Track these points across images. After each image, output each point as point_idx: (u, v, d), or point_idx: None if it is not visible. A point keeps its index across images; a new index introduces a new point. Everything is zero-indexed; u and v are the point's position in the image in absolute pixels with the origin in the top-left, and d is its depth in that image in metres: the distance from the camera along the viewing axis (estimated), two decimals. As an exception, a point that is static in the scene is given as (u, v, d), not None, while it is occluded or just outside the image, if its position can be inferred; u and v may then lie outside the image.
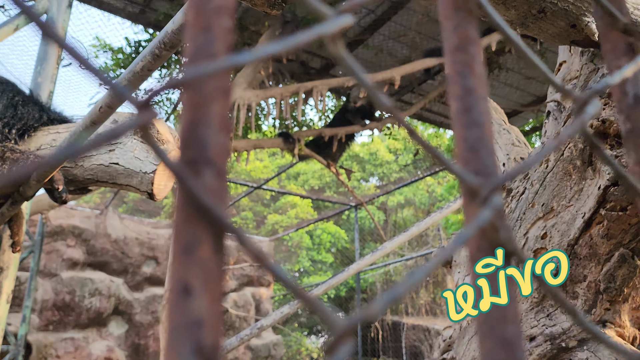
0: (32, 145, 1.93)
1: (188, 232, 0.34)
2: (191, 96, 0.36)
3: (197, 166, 0.34)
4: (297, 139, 6.69)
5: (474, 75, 0.45)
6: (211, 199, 0.34)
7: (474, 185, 0.41)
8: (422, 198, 19.12)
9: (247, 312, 13.21)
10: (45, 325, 10.76)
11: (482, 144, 0.43)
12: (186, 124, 0.35)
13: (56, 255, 11.25)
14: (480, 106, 0.44)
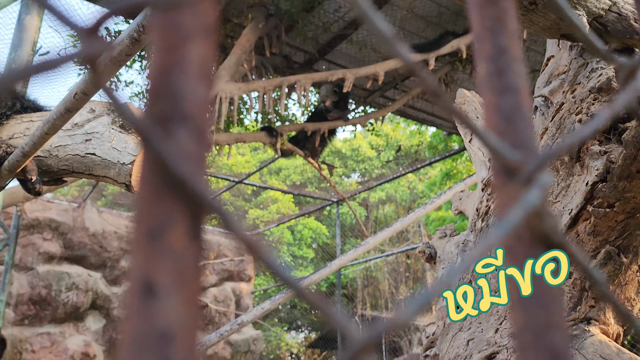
0: (4, 133, 1.88)
1: (155, 212, 0.26)
2: (163, 32, 0.28)
3: (169, 123, 0.27)
4: (280, 133, 6.67)
5: (506, 32, 0.39)
6: (187, 166, 0.26)
7: (513, 161, 0.35)
8: (403, 194, 19.24)
9: (227, 307, 13.16)
10: (21, 319, 10.57)
11: (519, 114, 0.37)
12: (156, 70, 0.27)
13: (32, 249, 11.06)
14: (515, 68, 0.38)
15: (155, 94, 0.27)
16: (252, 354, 13.04)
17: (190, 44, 0.28)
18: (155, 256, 0.26)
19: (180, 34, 0.28)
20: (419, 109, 7.68)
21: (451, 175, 11.50)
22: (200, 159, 0.28)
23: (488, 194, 2.05)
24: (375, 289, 19.03)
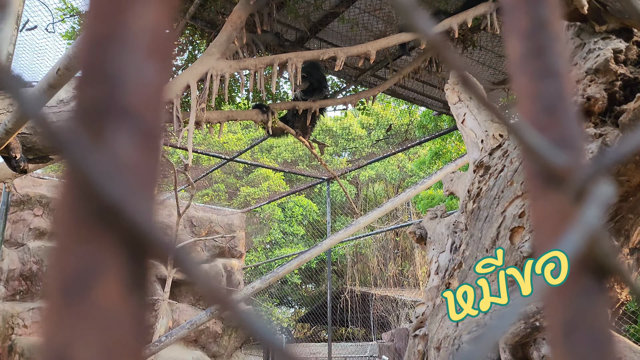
0: None
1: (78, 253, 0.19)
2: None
3: (102, 122, 0.18)
4: (271, 111, 6.66)
5: (546, 3, 0.32)
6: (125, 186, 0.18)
7: (558, 165, 0.28)
8: (393, 173, 19.34)
9: (219, 282, 13.27)
10: (12, 295, 10.61)
11: (562, 104, 0.30)
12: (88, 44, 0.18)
13: (23, 225, 11.04)
14: (557, 48, 0.31)
15: (85, 79, 0.18)
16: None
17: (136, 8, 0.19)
18: (74, 321, 0.17)
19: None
20: (410, 88, 7.70)
21: (440, 154, 11.58)
22: (147, 173, 0.19)
23: (480, 175, 2.10)
24: (365, 266, 19.26)
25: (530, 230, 1.77)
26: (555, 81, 0.31)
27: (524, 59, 0.32)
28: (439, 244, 2.27)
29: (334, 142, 19.48)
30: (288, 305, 22.16)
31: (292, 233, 18.86)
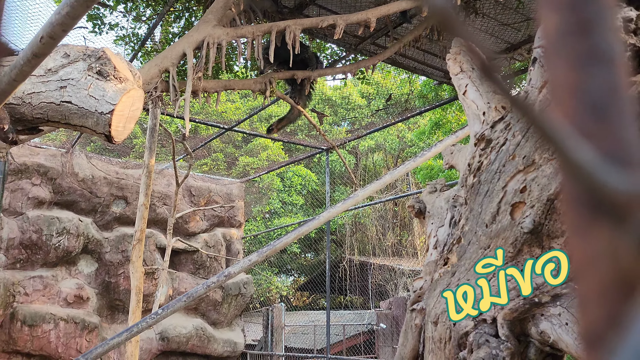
0: None
1: None
2: None
3: None
4: (269, 80, 6.57)
5: None
6: None
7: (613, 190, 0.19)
8: (393, 143, 19.27)
9: (218, 252, 13.37)
10: (13, 263, 10.69)
11: (616, 101, 0.21)
12: None
13: (21, 194, 11.03)
14: (608, 23, 0.22)
15: None
16: (243, 297, 13.39)
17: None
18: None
19: None
20: (411, 57, 7.57)
21: (441, 124, 11.49)
22: None
23: (481, 149, 2.06)
24: (364, 235, 19.39)
25: (531, 205, 1.74)
26: (606, 70, 0.22)
27: (562, 38, 0.23)
28: (438, 218, 2.24)
29: (333, 112, 19.34)
30: (287, 274, 22.42)
31: (291, 203, 18.92)
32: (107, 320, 11.65)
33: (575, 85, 0.22)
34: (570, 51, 0.23)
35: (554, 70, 0.23)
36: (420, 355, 2.09)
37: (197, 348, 12.20)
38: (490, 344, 1.69)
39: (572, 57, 0.22)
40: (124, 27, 7.93)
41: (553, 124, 0.20)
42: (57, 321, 10.46)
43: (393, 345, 11.62)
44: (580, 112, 0.22)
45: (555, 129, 0.20)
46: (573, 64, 0.22)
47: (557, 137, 0.20)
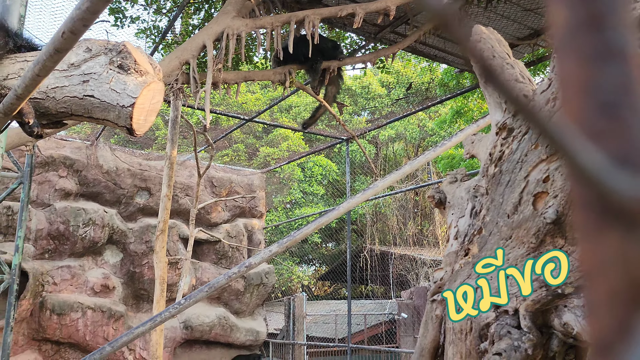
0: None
1: None
2: None
3: None
4: (289, 71, 6.56)
5: None
6: None
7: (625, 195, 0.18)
8: (413, 132, 19.11)
9: (240, 242, 13.50)
10: (41, 253, 10.96)
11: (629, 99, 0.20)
12: None
13: (48, 186, 11.28)
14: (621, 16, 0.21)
15: None
16: (265, 286, 13.51)
17: None
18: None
19: None
20: (431, 45, 7.47)
21: (462, 113, 11.35)
22: None
23: (503, 138, 2.02)
24: (384, 225, 19.35)
25: (554, 195, 1.71)
26: (618, 66, 0.20)
27: (572, 32, 0.22)
28: (459, 208, 2.22)
29: (353, 102, 19.24)
30: (308, 264, 22.53)
31: (312, 193, 18.95)
32: (132, 309, 11.88)
33: (585, 82, 0.21)
34: (580, 47, 0.21)
35: (563, 66, 0.22)
36: (440, 346, 2.08)
37: (220, 337, 12.38)
38: (512, 336, 1.68)
39: (582, 53, 0.21)
40: (145, 20, 8.00)
41: (560, 127, 0.19)
42: (85, 310, 10.71)
43: (414, 334, 11.62)
44: (590, 111, 0.21)
45: (563, 132, 0.19)
46: (583, 60, 0.21)
47: (564, 140, 0.19)
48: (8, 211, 10.49)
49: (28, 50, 1.89)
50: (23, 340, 10.38)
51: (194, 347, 12.38)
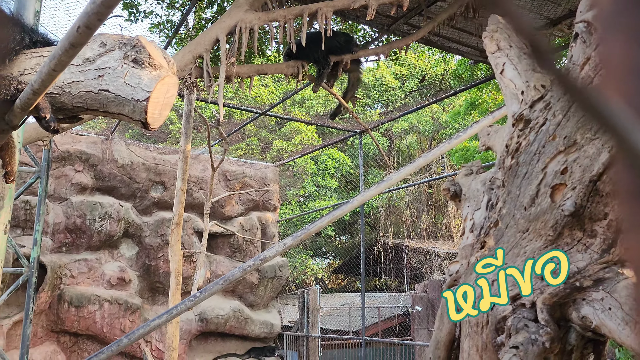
0: (14, 70, 1.81)
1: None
2: None
3: None
4: (302, 65, 6.55)
5: None
6: None
7: None
8: (427, 125, 18.99)
9: (254, 235, 13.56)
10: (59, 247, 11.12)
11: None
12: None
13: (65, 180, 11.42)
14: None
15: None
16: (279, 279, 13.57)
17: None
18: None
19: None
20: (445, 36, 7.39)
21: (476, 104, 11.24)
22: None
23: (519, 130, 1.99)
24: (398, 218, 19.30)
25: (572, 187, 1.68)
26: None
27: (618, 9, 0.20)
28: (474, 201, 2.20)
29: (366, 94, 19.16)
30: (322, 257, 22.58)
31: (325, 186, 18.95)
32: (148, 301, 12.02)
33: (632, 62, 0.19)
34: (628, 24, 0.19)
35: (608, 45, 0.20)
36: (456, 339, 2.07)
37: (235, 329, 12.48)
38: (529, 329, 1.66)
39: (630, 31, 0.19)
40: (158, 15, 8.03)
41: (607, 105, 0.17)
42: (102, 302, 10.86)
43: (429, 327, 11.60)
44: (636, 93, 0.19)
45: (609, 110, 0.17)
46: (631, 38, 0.19)
47: (611, 118, 0.17)
48: (26, 205, 10.65)
49: (44, 45, 1.90)
50: (42, 332, 10.57)
51: (209, 339, 12.51)
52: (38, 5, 2.79)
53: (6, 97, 1.66)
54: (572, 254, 1.68)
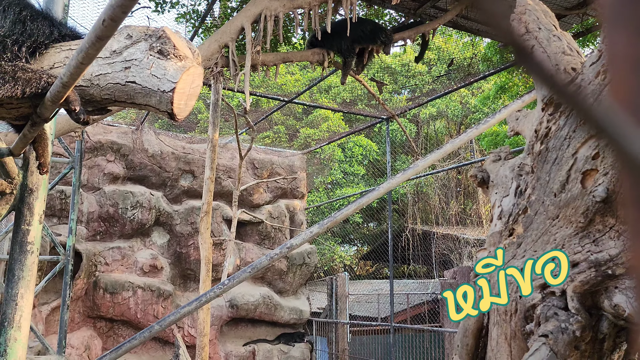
0: (44, 63, 1.84)
1: None
2: None
3: None
4: (327, 52, 6.51)
5: None
6: None
7: None
8: (455, 110, 18.69)
9: (282, 223, 13.66)
10: (93, 235, 11.43)
11: None
12: None
13: (97, 170, 11.70)
14: None
15: None
16: (307, 266, 13.67)
17: None
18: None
19: None
20: (473, 19, 7.23)
21: (506, 88, 11.00)
22: None
23: (549, 114, 1.94)
24: (426, 204, 19.14)
25: (604, 173, 1.63)
26: None
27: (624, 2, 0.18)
28: (503, 187, 2.16)
29: (392, 80, 18.95)
30: (350, 244, 22.61)
31: (352, 173, 18.91)
32: (180, 288, 12.28)
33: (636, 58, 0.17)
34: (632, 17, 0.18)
35: (613, 40, 0.18)
36: (484, 327, 2.06)
37: (265, 315, 12.65)
38: (559, 317, 1.64)
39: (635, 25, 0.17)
40: (184, 5, 8.08)
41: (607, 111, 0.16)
42: (135, 289, 11.14)
43: (458, 314, 11.51)
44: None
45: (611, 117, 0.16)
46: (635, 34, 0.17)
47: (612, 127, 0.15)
48: (61, 195, 10.97)
49: (72, 39, 1.93)
50: (79, 318, 10.92)
51: (239, 325, 12.72)
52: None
53: (37, 90, 1.70)
54: (604, 241, 1.64)
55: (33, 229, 2.31)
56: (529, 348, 1.69)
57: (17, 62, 1.73)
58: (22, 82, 1.68)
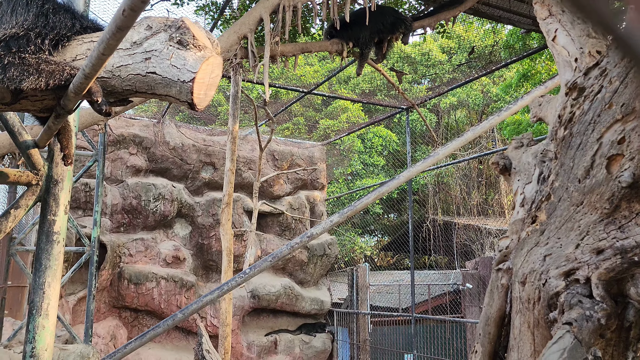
0: (67, 55, 1.86)
1: None
2: None
3: None
4: (346, 41, 6.47)
5: None
6: None
7: None
8: (476, 99, 18.44)
9: (302, 214, 13.71)
10: (117, 227, 11.64)
11: None
12: None
13: (120, 163, 11.88)
14: None
15: None
16: (328, 257, 13.71)
17: None
18: None
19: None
20: (494, 5, 7.10)
21: (529, 76, 10.81)
22: None
23: (573, 99, 1.90)
24: (447, 195, 18.99)
25: (630, 157, 1.59)
26: None
27: None
28: (525, 174, 2.12)
29: (412, 70, 18.77)
30: (371, 234, 22.58)
31: (372, 164, 18.85)
32: (202, 279, 12.44)
33: None
34: None
35: None
36: (507, 315, 2.04)
37: (286, 306, 12.74)
38: (583, 305, 1.61)
39: None
40: (203, -3, 8.10)
41: None
42: (159, 280, 11.32)
43: (480, 305, 11.44)
44: None
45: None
46: None
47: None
48: (85, 187, 11.17)
49: (93, 31, 1.96)
50: (105, 308, 11.15)
51: (261, 316, 12.84)
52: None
53: (60, 82, 1.72)
54: (630, 227, 1.60)
55: (59, 219, 2.36)
56: (552, 336, 1.67)
57: (41, 55, 1.76)
58: (45, 74, 1.71)
